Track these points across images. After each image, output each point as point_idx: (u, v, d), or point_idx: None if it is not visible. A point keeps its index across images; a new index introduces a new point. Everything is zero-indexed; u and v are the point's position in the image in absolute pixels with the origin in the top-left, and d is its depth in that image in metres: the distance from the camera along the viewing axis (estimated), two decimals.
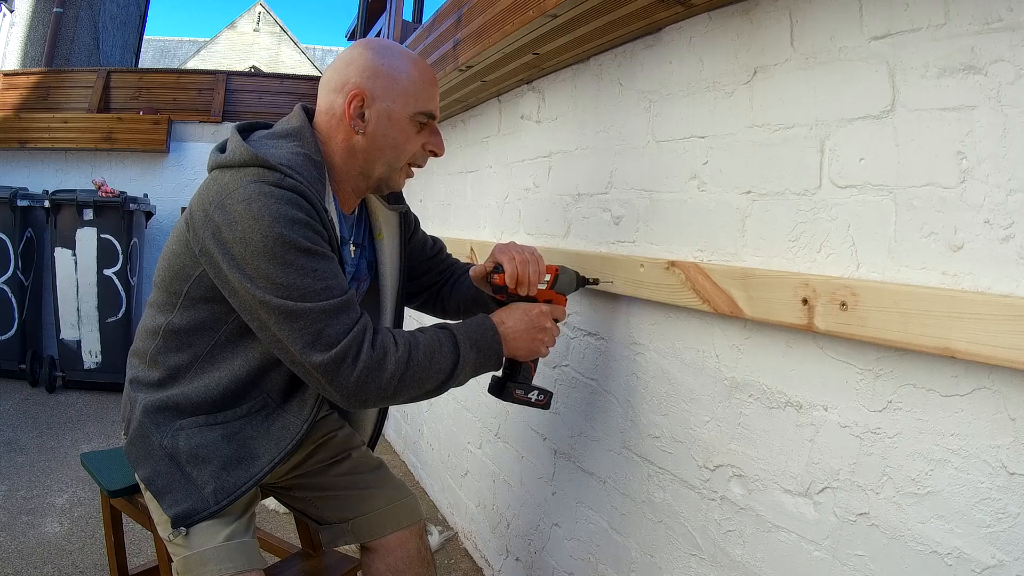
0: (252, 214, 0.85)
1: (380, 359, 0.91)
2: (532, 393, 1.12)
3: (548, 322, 1.08)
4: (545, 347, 1.08)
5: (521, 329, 1.05)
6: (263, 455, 0.99)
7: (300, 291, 0.86)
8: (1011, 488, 0.64)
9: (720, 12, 1.03)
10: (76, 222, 3.41)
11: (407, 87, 1.00)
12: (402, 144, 1.02)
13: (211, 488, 0.96)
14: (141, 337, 1.04)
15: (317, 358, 0.87)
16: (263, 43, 18.65)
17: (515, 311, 1.07)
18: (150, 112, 4.05)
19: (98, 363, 3.50)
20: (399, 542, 1.15)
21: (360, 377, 0.89)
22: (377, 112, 0.99)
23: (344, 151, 1.01)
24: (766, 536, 0.93)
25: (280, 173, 0.88)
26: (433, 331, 0.99)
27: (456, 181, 2.21)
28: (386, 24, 3.50)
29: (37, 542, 1.93)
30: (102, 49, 7.18)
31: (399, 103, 0.99)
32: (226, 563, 0.96)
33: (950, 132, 0.70)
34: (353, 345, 0.89)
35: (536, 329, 1.06)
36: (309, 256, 0.87)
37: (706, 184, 1.05)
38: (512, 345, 1.04)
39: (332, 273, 0.90)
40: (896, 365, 0.75)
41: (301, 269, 0.86)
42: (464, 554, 2.01)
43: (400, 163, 1.04)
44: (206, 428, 0.98)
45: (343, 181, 1.04)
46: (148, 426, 0.99)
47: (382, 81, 0.98)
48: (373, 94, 0.98)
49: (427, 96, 1.02)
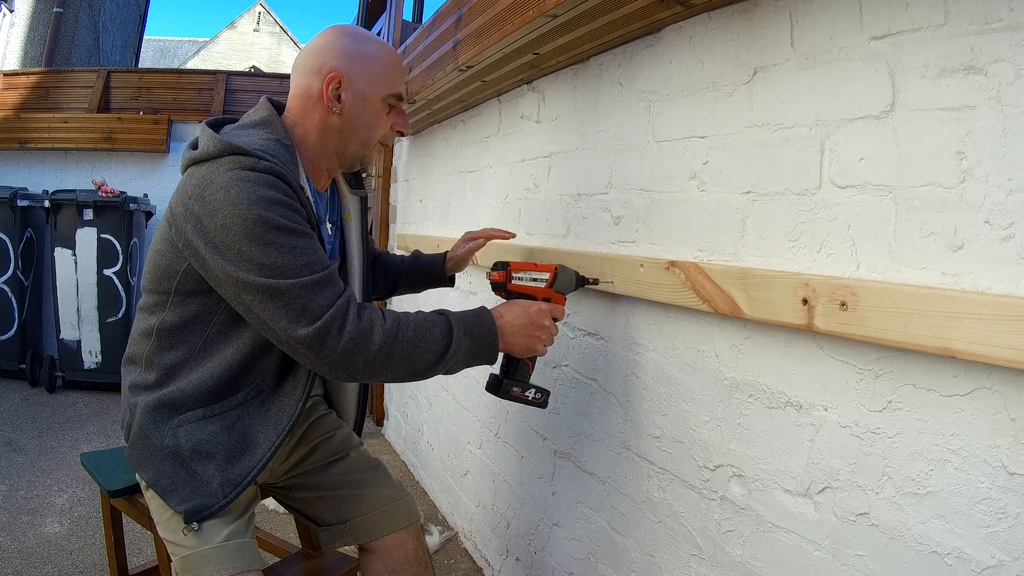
0: (231, 200, 0.87)
1: (367, 330, 0.92)
2: (529, 391, 1.12)
3: (547, 320, 1.08)
4: (542, 345, 1.08)
5: (519, 324, 1.05)
6: (263, 441, 1.00)
7: (281, 269, 0.88)
8: (1011, 488, 0.64)
9: (720, 12, 1.03)
10: (76, 222, 3.41)
11: (380, 71, 1.05)
12: (375, 124, 1.07)
13: (218, 482, 0.97)
14: (134, 341, 1.05)
15: (302, 332, 0.88)
16: (263, 43, 18.64)
17: (514, 307, 1.07)
18: (150, 112, 4.05)
19: (98, 363, 3.51)
20: (396, 543, 1.16)
21: (347, 347, 0.90)
22: (353, 94, 1.03)
23: (319, 131, 1.05)
24: (766, 536, 0.93)
25: (255, 157, 0.91)
26: (427, 314, 1.01)
27: (456, 181, 2.21)
28: (386, 24, 3.49)
29: (37, 542, 1.93)
30: (102, 49, 7.17)
31: (373, 86, 1.04)
32: (225, 563, 0.96)
33: (950, 132, 0.70)
34: (337, 317, 0.90)
35: (534, 326, 1.06)
36: (288, 234, 0.89)
37: (706, 184, 1.05)
38: (509, 340, 1.05)
39: (312, 249, 0.92)
40: (896, 365, 0.75)
41: (281, 247, 0.88)
42: (464, 554, 2.01)
43: (372, 141, 1.09)
44: (204, 422, 0.99)
45: (317, 160, 1.08)
46: (148, 427, 0.99)
47: (357, 64, 1.03)
48: (349, 77, 1.03)
49: (396, 79, 1.08)
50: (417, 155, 2.72)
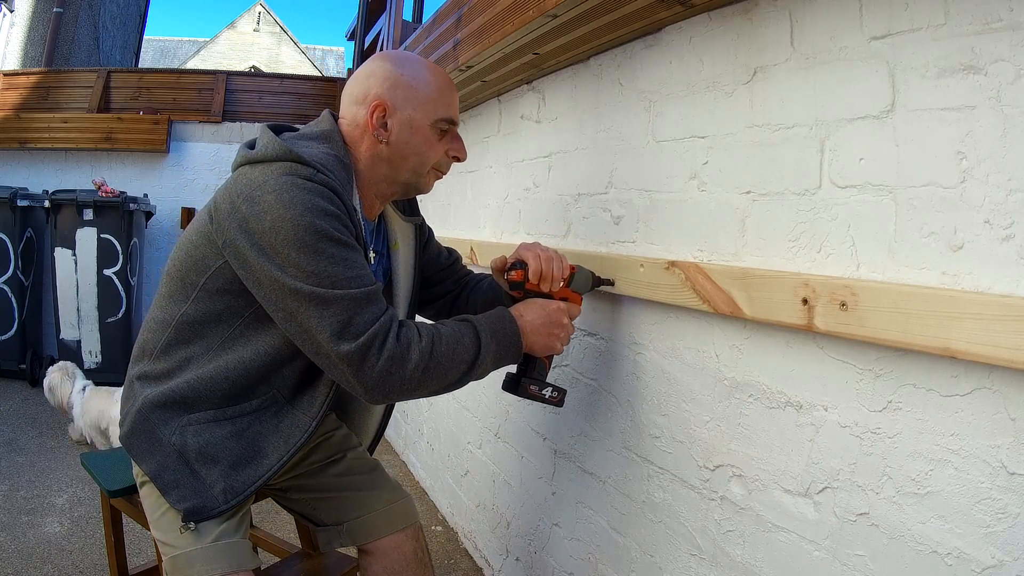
0: (283, 203, 0.86)
1: (404, 351, 0.91)
2: (546, 390, 1.13)
3: (565, 318, 1.08)
4: (561, 343, 1.09)
5: (539, 324, 1.05)
6: (272, 453, 0.99)
7: (331, 278, 0.87)
8: (1011, 488, 0.64)
9: (720, 12, 1.03)
10: (76, 222, 3.41)
11: (427, 95, 1.02)
12: (425, 151, 1.04)
13: (220, 487, 0.96)
14: (150, 329, 1.02)
15: (345, 347, 0.87)
16: (263, 43, 18.65)
17: (533, 306, 1.07)
18: (150, 112, 4.05)
19: (98, 363, 3.50)
20: (394, 545, 1.15)
21: (384, 368, 0.89)
22: (399, 121, 1.01)
23: (369, 159, 1.04)
24: (766, 536, 0.93)
25: (313, 168, 0.90)
26: (454, 323, 1.00)
27: (456, 181, 2.21)
28: (386, 24, 3.49)
29: (37, 542, 1.93)
30: (102, 49, 7.18)
31: (420, 111, 1.02)
32: (213, 564, 0.95)
33: (950, 132, 0.70)
34: (379, 335, 0.89)
35: (553, 324, 1.07)
36: (339, 246, 0.88)
37: (706, 184, 1.05)
38: (530, 339, 1.05)
39: (360, 264, 0.91)
40: (896, 365, 0.75)
41: (332, 257, 0.87)
42: (464, 554, 2.01)
43: (425, 169, 1.06)
44: (215, 424, 0.97)
45: (367, 187, 1.06)
46: (155, 421, 0.98)
47: (402, 91, 1.01)
48: (394, 104, 1.01)
49: (447, 103, 1.05)
50: None
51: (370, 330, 0.88)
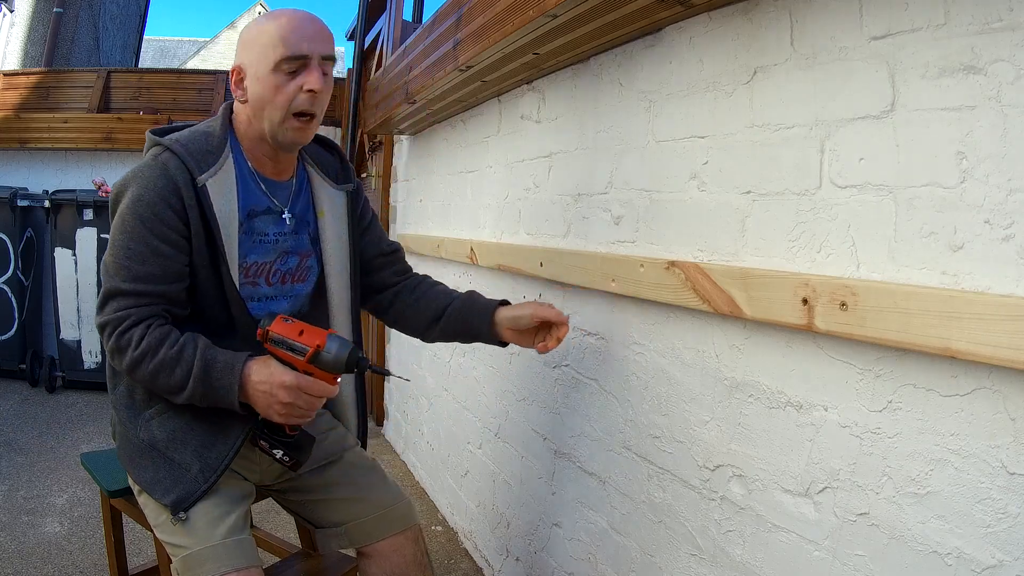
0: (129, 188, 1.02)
1: (123, 348, 0.99)
2: (278, 451, 1.04)
3: (291, 397, 0.97)
4: (280, 417, 0.99)
5: (261, 391, 0.98)
6: (235, 425, 1.04)
7: (116, 260, 0.99)
8: (1011, 488, 0.64)
9: (720, 12, 1.03)
10: (76, 222, 3.41)
11: (265, 42, 1.03)
12: (271, 97, 1.03)
13: (197, 468, 1.02)
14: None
15: (96, 318, 1.03)
16: None
17: (266, 368, 0.99)
18: (150, 112, 4.05)
19: (98, 363, 3.51)
20: (393, 547, 1.15)
21: (110, 351, 1.02)
22: (250, 78, 1.05)
23: (244, 123, 1.10)
24: (766, 536, 0.93)
25: (162, 147, 1.02)
26: (185, 351, 0.99)
27: (456, 181, 2.21)
28: (386, 24, 3.49)
29: (37, 542, 1.93)
30: (102, 49, 7.17)
31: (260, 62, 1.03)
32: (225, 561, 0.97)
33: (950, 132, 0.70)
34: (109, 324, 1.00)
35: (272, 397, 0.98)
36: (140, 239, 0.99)
37: (706, 184, 1.05)
38: (251, 398, 1.00)
39: (151, 259, 0.99)
40: (896, 365, 0.75)
41: (126, 247, 0.99)
42: (464, 554, 2.01)
43: (278, 115, 1.04)
44: (174, 413, 1.05)
45: (252, 149, 1.11)
46: (124, 422, 1.07)
47: (246, 49, 1.05)
48: (244, 64, 1.05)
49: (288, 42, 1.01)
50: (417, 155, 2.72)
51: (106, 317, 1.00)
